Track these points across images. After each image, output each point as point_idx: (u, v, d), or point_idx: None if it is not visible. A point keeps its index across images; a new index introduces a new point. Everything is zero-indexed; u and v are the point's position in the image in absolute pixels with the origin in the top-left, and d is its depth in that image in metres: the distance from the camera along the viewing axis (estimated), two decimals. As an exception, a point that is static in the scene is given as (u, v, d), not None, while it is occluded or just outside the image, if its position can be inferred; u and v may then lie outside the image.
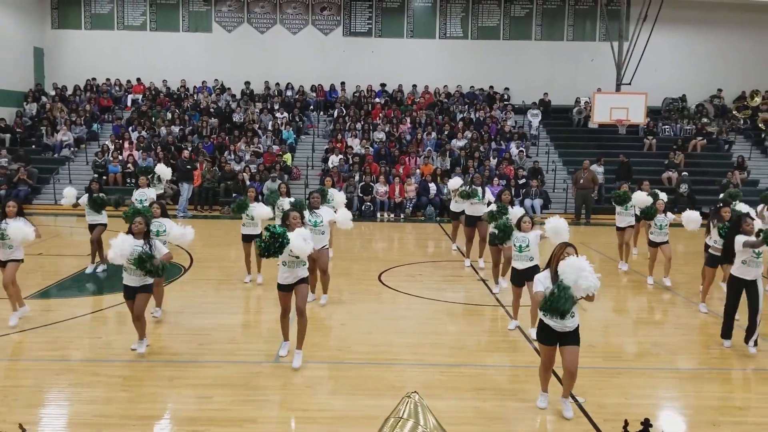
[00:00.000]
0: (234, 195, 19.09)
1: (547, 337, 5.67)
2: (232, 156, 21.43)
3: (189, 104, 24.38)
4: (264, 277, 10.29)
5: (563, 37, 26.09)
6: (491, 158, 21.75)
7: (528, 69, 25.68)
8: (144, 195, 11.70)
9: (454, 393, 6.25)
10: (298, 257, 6.68)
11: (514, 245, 8.03)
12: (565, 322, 5.52)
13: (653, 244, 10.68)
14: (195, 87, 25.49)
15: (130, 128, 22.90)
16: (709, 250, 9.19)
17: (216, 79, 25.51)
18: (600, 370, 6.90)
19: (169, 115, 23.54)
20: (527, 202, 19.71)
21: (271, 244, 6.38)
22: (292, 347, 6.94)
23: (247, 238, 10.17)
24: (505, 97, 25.82)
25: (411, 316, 8.98)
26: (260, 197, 11.22)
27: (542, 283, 5.61)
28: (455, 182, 12.69)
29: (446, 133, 23.26)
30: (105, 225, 10.92)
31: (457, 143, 22.56)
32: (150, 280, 6.98)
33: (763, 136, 24.50)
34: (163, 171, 14.07)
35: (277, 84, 25.68)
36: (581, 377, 5.93)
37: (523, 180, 20.67)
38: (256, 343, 7.66)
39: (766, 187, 19.30)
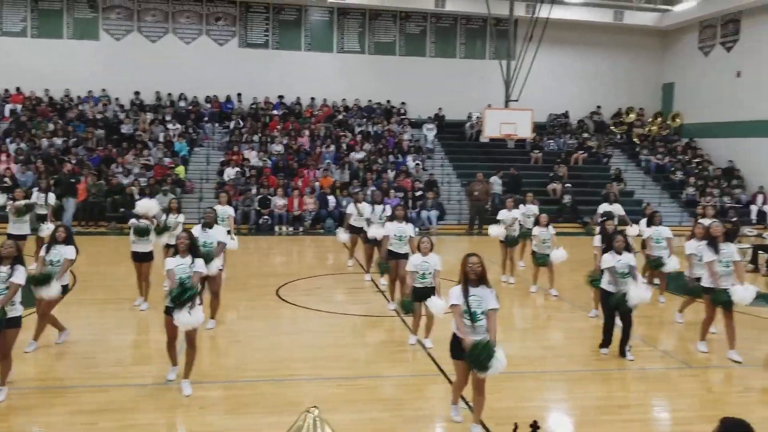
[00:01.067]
0: (122, 209, 18.36)
1: (460, 351, 5.58)
2: (120, 169, 20.61)
3: (73, 115, 23.25)
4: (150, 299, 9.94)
5: (456, 54, 26.95)
6: (389, 171, 22.08)
7: (423, 84, 26.31)
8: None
9: (352, 406, 6.29)
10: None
11: (417, 272, 7.75)
12: (477, 334, 5.55)
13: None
14: (80, 97, 24.35)
15: (8, 140, 21.52)
16: None
17: (103, 89, 24.49)
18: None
19: (51, 126, 22.33)
20: (423, 213, 20.13)
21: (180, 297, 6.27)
22: (182, 370, 6.73)
23: (137, 257, 9.65)
24: (402, 111, 26.32)
25: (310, 330, 8.96)
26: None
27: (456, 296, 5.55)
28: (350, 209, 13.01)
29: (345, 146, 23.41)
30: None
31: (356, 156, 22.76)
32: (17, 312, 6.24)
33: (637, 149, 26.24)
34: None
35: (170, 94, 24.98)
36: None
37: (420, 192, 21.09)
38: (144, 365, 7.40)
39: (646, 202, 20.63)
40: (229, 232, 10.14)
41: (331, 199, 20.12)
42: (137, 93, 24.58)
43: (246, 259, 14.03)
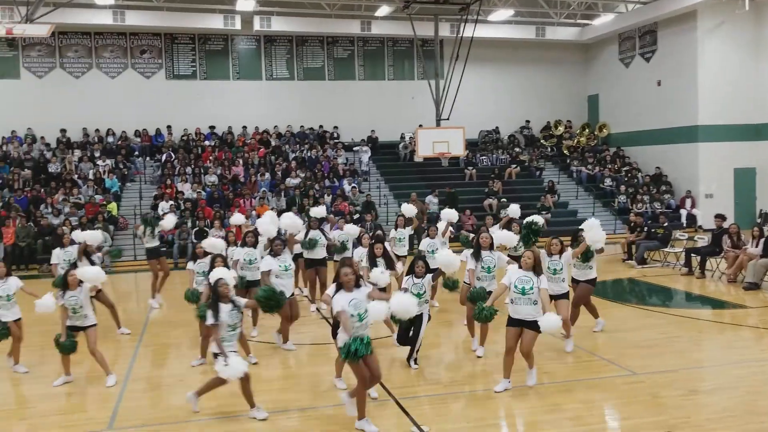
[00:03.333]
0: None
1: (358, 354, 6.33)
2: (49, 209, 19.89)
3: (-3, 156, 22.37)
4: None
5: (385, 76, 27.23)
6: (326, 196, 22.01)
7: (354, 108, 26.47)
8: None
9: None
10: None
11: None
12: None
13: None
14: (4, 137, 23.44)
15: (-74, 186, 20.54)
16: None
17: (29, 128, 23.65)
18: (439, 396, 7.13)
19: (-27, 169, 21.43)
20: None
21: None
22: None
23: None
24: (335, 135, 26.35)
25: (260, 363, 8.75)
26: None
27: (340, 304, 6.10)
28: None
29: (280, 173, 23.25)
30: None
31: (292, 182, 22.62)
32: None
33: (568, 161, 26.96)
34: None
35: (97, 130, 24.31)
36: (423, 405, 6.08)
37: (358, 215, 21.08)
38: (87, 412, 7.07)
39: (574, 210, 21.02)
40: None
41: (271, 227, 19.82)
42: (63, 131, 23.84)
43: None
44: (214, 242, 10.03)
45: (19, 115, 23.46)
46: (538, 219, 9.24)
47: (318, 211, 12.88)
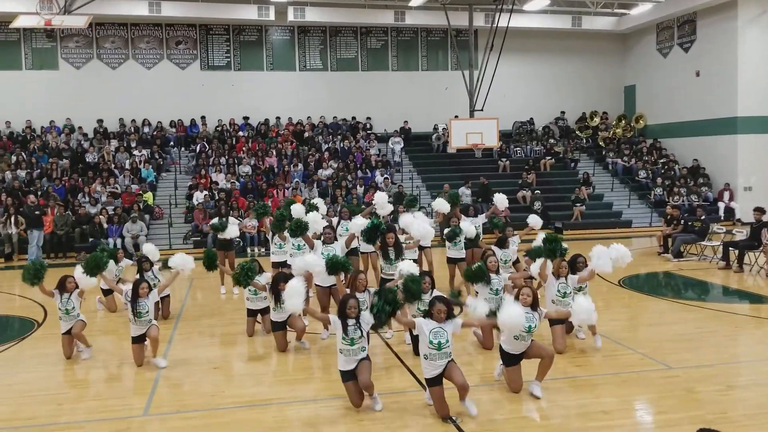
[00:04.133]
0: (91, 240, 18.05)
1: (432, 380, 6.32)
2: (87, 198, 20.28)
3: (36, 146, 22.85)
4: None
5: (418, 67, 27.12)
6: (358, 186, 22.05)
7: (387, 98, 26.45)
8: None
9: (332, 427, 6.20)
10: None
11: None
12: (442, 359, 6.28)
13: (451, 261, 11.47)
14: (42, 127, 23.96)
15: (-31, 174, 21.09)
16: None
17: (68, 118, 24.13)
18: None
19: (14, 159, 21.93)
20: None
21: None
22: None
23: None
24: (368, 126, 26.35)
25: (290, 351, 8.82)
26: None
27: (421, 327, 6.28)
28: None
29: (312, 163, 23.36)
30: None
31: (324, 173, 22.70)
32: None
33: (603, 153, 26.57)
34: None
35: (133, 120, 24.70)
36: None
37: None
38: (123, 398, 7.22)
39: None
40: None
41: (303, 217, 19.93)
42: (100, 121, 24.28)
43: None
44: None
45: (57, 106, 23.97)
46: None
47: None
